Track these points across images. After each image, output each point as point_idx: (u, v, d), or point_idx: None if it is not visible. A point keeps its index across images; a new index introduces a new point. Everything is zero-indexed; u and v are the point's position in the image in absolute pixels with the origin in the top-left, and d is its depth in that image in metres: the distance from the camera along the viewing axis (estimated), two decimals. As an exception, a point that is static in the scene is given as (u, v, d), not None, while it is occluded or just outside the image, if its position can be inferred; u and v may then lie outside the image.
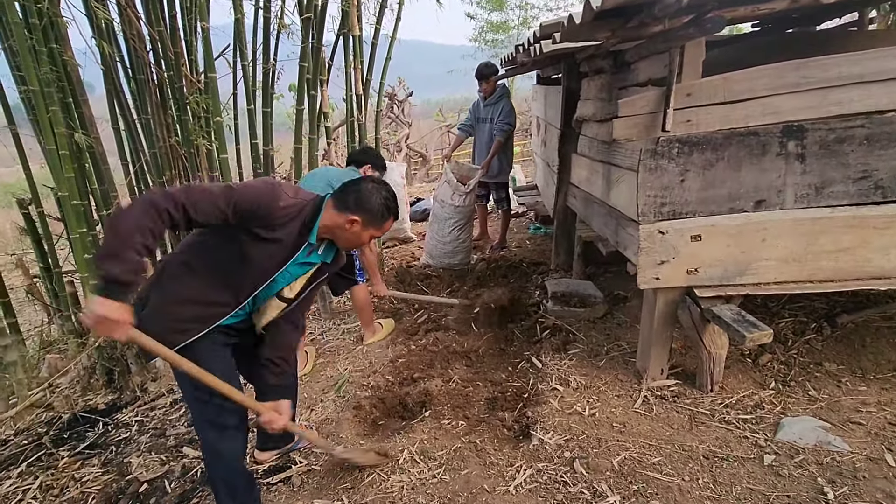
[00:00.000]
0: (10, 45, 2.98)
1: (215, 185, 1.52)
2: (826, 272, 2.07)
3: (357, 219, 1.64)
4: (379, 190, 1.69)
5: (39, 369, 3.37)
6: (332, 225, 1.65)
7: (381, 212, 1.67)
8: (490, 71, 4.43)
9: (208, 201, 1.44)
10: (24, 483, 2.26)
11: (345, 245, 1.76)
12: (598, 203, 2.86)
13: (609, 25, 1.94)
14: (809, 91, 1.93)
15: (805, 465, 1.77)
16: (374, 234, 1.72)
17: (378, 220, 1.69)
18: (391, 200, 1.71)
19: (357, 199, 1.64)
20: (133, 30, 3.34)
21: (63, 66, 3.12)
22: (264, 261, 1.61)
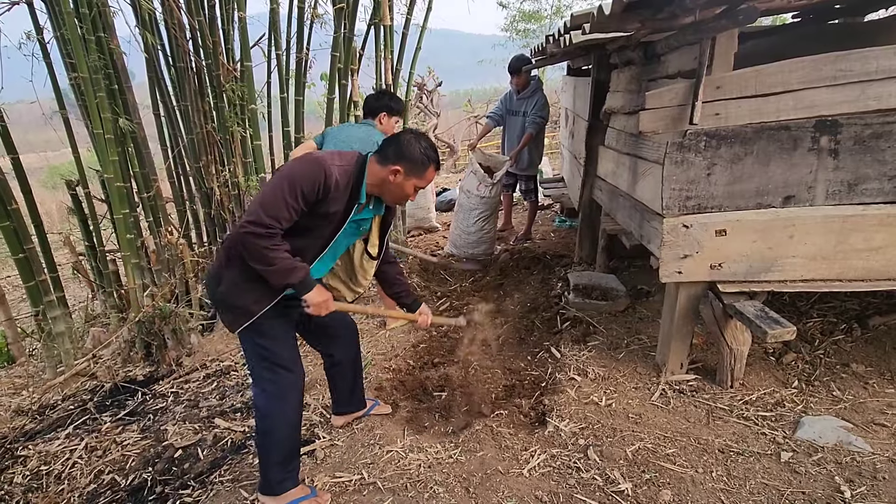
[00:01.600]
0: (63, 33, 3.14)
1: (273, 188, 1.59)
2: (856, 271, 2.02)
3: (399, 168, 1.69)
4: (418, 139, 1.73)
5: (84, 341, 3.58)
6: (377, 180, 1.72)
7: (421, 159, 1.70)
8: (521, 64, 4.40)
9: (282, 206, 1.57)
10: (71, 444, 2.44)
11: (391, 199, 1.81)
12: (623, 196, 2.85)
13: (639, 16, 1.93)
14: (847, 85, 1.88)
15: (823, 463, 1.76)
16: (418, 183, 1.75)
17: (420, 169, 1.72)
18: (431, 149, 1.74)
19: (397, 150, 1.69)
20: (174, 19, 3.47)
21: (110, 54, 3.28)
22: (323, 229, 1.71)
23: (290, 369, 1.82)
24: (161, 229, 3.67)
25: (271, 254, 1.58)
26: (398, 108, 3.01)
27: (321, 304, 1.71)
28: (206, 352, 3.25)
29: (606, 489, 1.75)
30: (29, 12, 3.20)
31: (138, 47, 3.52)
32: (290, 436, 1.88)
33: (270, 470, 1.85)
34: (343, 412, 2.34)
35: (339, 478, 2.00)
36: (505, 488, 1.80)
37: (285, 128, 3.86)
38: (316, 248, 1.75)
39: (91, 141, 3.47)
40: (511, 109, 4.64)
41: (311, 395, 2.60)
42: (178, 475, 2.20)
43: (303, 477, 2.01)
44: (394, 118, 2.99)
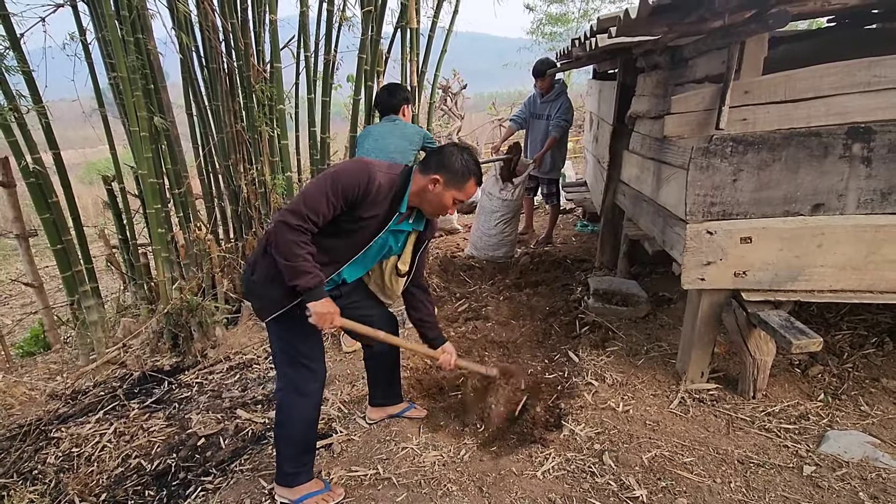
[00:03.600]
0: (104, 35, 3.28)
1: (317, 183, 1.64)
2: (888, 283, 1.97)
3: (438, 178, 1.70)
4: (462, 152, 1.74)
5: (115, 331, 3.72)
6: (418, 189, 1.74)
7: (462, 171, 1.72)
8: (545, 67, 4.40)
9: (321, 202, 1.60)
10: (101, 428, 2.54)
11: (430, 210, 1.81)
12: (646, 201, 2.82)
13: (666, 20, 1.92)
14: (882, 91, 1.83)
15: (847, 478, 1.71)
16: (457, 195, 1.75)
17: (459, 180, 1.73)
18: (473, 163, 1.75)
19: (439, 160, 1.72)
20: (208, 22, 3.58)
21: (147, 54, 3.40)
22: (360, 233, 1.74)
23: (310, 367, 1.86)
24: (190, 225, 3.79)
25: (296, 249, 1.61)
26: (411, 97, 3.22)
27: (324, 317, 1.68)
28: (230, 345, 3.34)
29: (621, 495, 1.74)
30: (73, 14, 3.34)
31: (173, 48, 3.65)
32: (306, 431, 1.90)
33: (285, 462, 1.89)
34: (379, 404, 2.36)
35: (354, 472, 2.04)
36: (518, 489, 1.81)
37: (311, 128, 3.94)
38: (348, 251, 1.77)
39: (127, 138, 3.61)
40: (535, 113, 4.63)
41: (329, 390, 2.65)
42: (201, 462, 2.27)
43: (318, 470, 2.06)
44: (409, 108, 3.22)
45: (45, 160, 3.38)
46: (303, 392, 1.85)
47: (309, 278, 1.63)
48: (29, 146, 3.22)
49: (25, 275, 3.95)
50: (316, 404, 1.92)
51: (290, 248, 1.60)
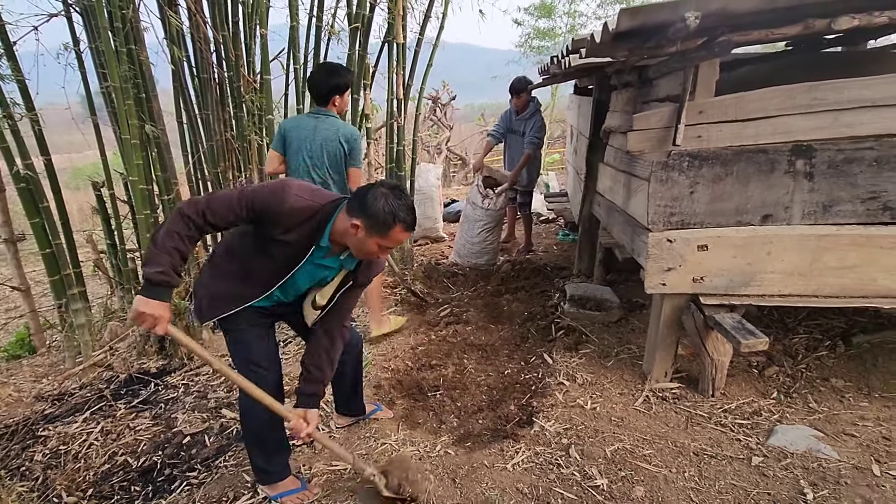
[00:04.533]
0: (97, 45, 3.38)
1: (237, 190, 1.61)
2: (831, 288, 2.13)
3: (359, 224, 1.55)
4: (387, 195, 1.55)
5: (102, 334, 3.77)
6: (342, 229, 1.61)
7: (384, 219, 1.53)
8: (522, 86, 4.59)
9: (224, 205, 1.55)
10: (88, 427, 2.60)
11: (356, 253, 1.68)
12: (619, 211, 2.98)
13: (627, 45, 2.08)
14: (821, 112, 2.01)
15: (791, 468, 1.86)
16: (381, 242, 1.58)
17: (382, 228, 1.54)
18: (402, 209, 1.55)
19: (361, 203, 1.55)
20: (200, 34, 3.70)
21: (139, 65, 3.50)
22: (280, 258, 1.68)
23: (264, 367, 1.82)
24: (179, 230, 3.87)
25: (168, 239, 1.50)
26: (348, 83, 2.76)
27: (144, 316, 1.49)
28: (216, 347, 3.41)
29: (583, 484, 1.86)
30: (68, 25, 3.44)
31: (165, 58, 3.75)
32: (268, 431, 1.88)
33: (258, 462, 1.95)
34: (344, 413, 2.41)
35: (335, 466, 2.13)
36: (489, 480, 1.92)
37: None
38: (270, 276, 1.72)
39: (117, 145, 3.70)
40: (511, 128, 4.82)
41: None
42: (186, 459, 2.34)
43: (299, 466, 2.15)
44: (346, 95, 2.78)
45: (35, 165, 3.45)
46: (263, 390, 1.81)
47: (158, 270, 1.49)
48: (21, 152, 3.29)
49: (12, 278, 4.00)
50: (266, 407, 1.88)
51: (166, 235, 1.51)
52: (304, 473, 2.11)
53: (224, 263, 1.79)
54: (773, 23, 1.82)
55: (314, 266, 1.73)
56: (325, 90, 2.72)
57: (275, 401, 1.74)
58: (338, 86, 2.73)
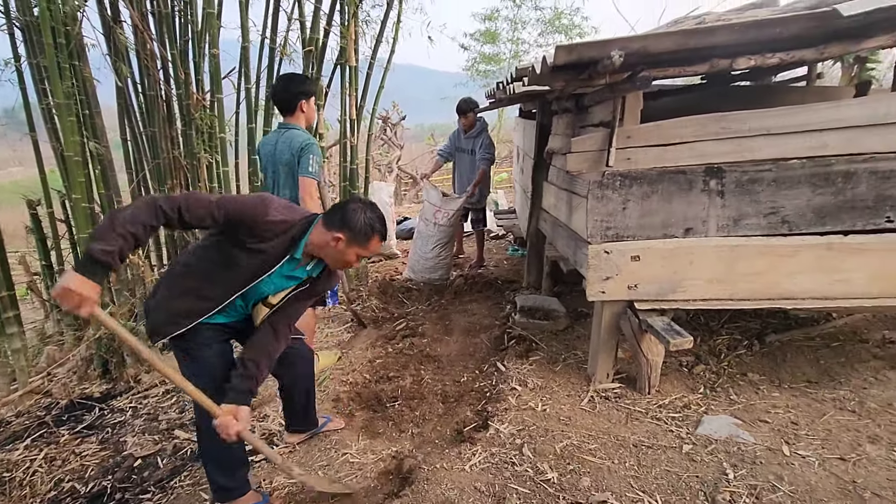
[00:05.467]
0: (39, 61, 3.28)
1: (215, 195, 1.66)
2: (744, 292, 2.42)
3: (341, 236, 1.70)
4: (364, 210, 1.74)
5: (38, 360, 3.57)
6: (319, 242, 1.73)
7: (364, 230, 1.71)
8: (469, 107, 4.84)
9: (202, 206, 1.59)
10: (31, 454, 2.47)
11: (333, 263, 1.82)
12: (562, 227, 3.21)
13: (564, 76, 2.31)
14: (728, 139, 2.31)
15: (715, 452, 2.08)
16: (360, 252, 1.76)
17: (362, 239, 1.73)
18: (377, 221, 1.75)
19: (342, 218, 1.71)
20: (147, 50, 3.67)
21: (82, 81, 3.43)
22: (249, 267, 1.72)
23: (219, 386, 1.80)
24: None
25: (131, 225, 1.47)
26: (311, 90, 2.80)
27: (68, 294, 1.39)
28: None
29: (536, 479, 2.01)
30: (10, 42, 3.33)
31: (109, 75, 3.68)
32: (228, 447, 1.84)
33: (217, 479, 1.93)
34: (296, 430, 2.43)
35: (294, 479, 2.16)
36: (448, 482, 2.02)
37: (252, 156, 4.06)
38: (233, 284, 1.74)
39: (56, 162, 3.57)
40: (459, 147, 5.04)
41: (270, 406, 2.75)
42: (138, 482, 2.29)
43: (259, 480, 2.16)
44: (312, 101, 2.80)
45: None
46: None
47: (106, 249, 1.43)
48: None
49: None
50: None
51: (130, 219, 1.48)
52: (264, 488, 2.13)
53: (183, 279, 1.80)
54: (685, 61, 2.10)
55: (281, 277, 1.80)
56: (290, 97, 2.72)
57: (205, 397, 1.70)
58: (302, 92, 2.75)
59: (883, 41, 2.03)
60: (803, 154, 2.30)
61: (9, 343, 3.31)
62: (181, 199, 1.59)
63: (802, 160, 2.30)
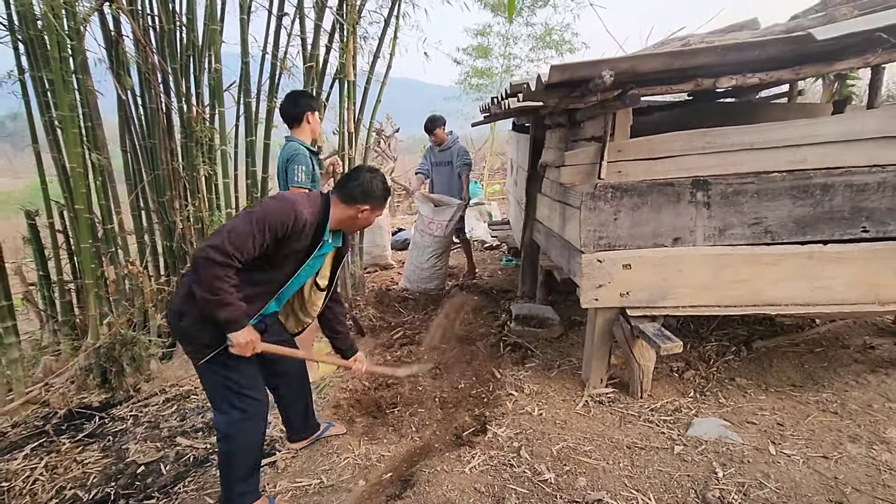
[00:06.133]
0: (43, 74, 3.35)
1: (242, 221, 1.71)
2: (731, 299, 2.52)
3: (367, 207, 1.95)
4: (376, 177, 1.97)
5: (34, 370, 3.57)
6: (343, 218, 1.94)
7: (381, 194, 1.97)
8: (434, 125, 4.99)
9: (247, 241, 1.69)
10: (31, 463, 2.48)
11: (353, 230, 2.10)
12: (556, 237, 3.31)
13: (557, 93, 2.43)
14: (713, 153, 2.44)
15: (705, 452, 2.17)
16: (378, 213, 2.02)
17: (381, 202, 2.00)
18: (384, 181, 2.01)
19: (362, 191, 1.92)
20: (148, 64, 3.74)
21: (85, 93, 3.49)
22: (289, 264, 1.86)
23: (255, 397, 1.95)
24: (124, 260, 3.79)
25: (218, 283, 1.66)
26: (315, 104, 3.06)
27: (247, 346, 1.79)
28: (166, 377, 3.35)
29: (534, 479, 2.07)
30: (14, 56, 3.39)
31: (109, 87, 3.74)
32: (254, 455, 2.02)
33: (234, 486, 1.98)
34: (297, 439, 2.48)
35: (299, 482, 2.21)
36: (449, 483, 2.08)
37: (252, 168, 4.14)
38: (277, 283, 1.88)
39: (57, 174, 3.62)
40: (436, 161, 5.17)
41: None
42: (142, 488, 2.31)
43: (263, 485, 2.21)
44: (317, 114, 3.04)
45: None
46: (249, 419, 1.94)
47: (232, 310, 1.72)
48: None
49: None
50: (261, 429, 2.04)
51: (214, 283, 1.66)
52: (268, 491, 2.17)
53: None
54: (671, 80, 2.23)
55: (315, 258, 1.94)
56: (297, 109, 2.93)
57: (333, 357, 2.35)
58: (308, 104, 2.96)
59: (854, 63, 2.17)
60: (784, 168, 2.43)
61: (5, 353, 3.32)
62: (226, 244, 1.66)
63: (783, 173, 2.43)
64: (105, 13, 3.57)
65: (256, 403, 1.96)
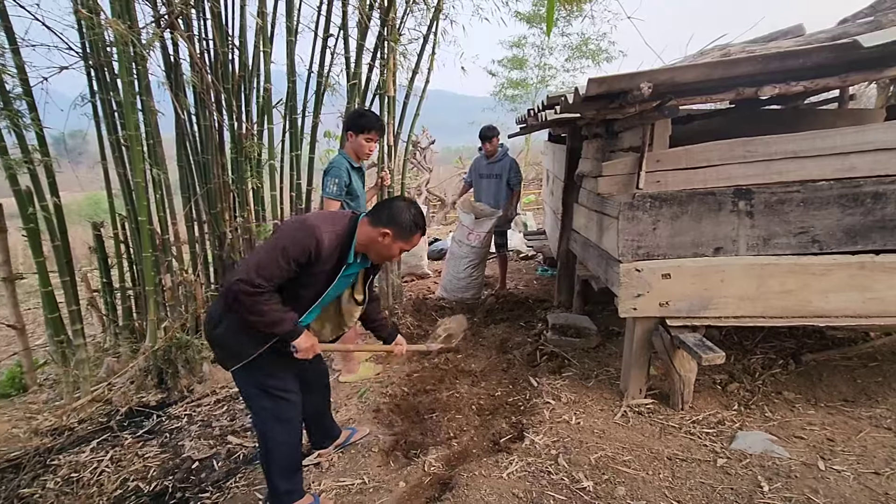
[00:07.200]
0: (112, 97, 3.64)
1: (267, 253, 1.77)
2: (775, 309, 2.47)
3: (389, 231, 1.87)
4: (409, 207, 1.93)
5: (98, 371, 3.84)
6: (366, 240, 1.90)
7: (409, 226, 1.90)
8: (492, 133, 5.03)
9: (275, 267, 1.76)
10: (97, 456, 2.69)
11: (377, 258, 1.99)
12: (593, 246, 3.32)
13: (595, 105, 2.47)
14: (755, 162, 2.41)
15: (750, 466, 2.12)
16: (403, 246, 1.94)
17: (407, 234, 1.91)
18: (419, 217, 1.94)
19: (389, 215, 1.89)
20: (203, 84, 4.00)
21: (148, 113, 3.77)
22: (316, 285, 1.91)
23: (288, 399, 2.03)
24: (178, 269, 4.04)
25: (262, 306, 1.76)
26: (363, 125, 3.09)
27: (309, 349, 1.91)
28: (216, 379, 3.53)
29: (572, 487, 2.08)
30: (87, 79, 3.71)
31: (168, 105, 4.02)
32: (291, 454, 2.08)
33: (277, 484, 2.07)
34: (318, 447, 2.54)
35: (342, 482, 2.30)
36: (487, 488, 2.12)
37: (297, 181, 4.34)
38: (309, 299, 1.93)
39: (122, 188, 3.91)
40: (482, 173, 5.17)
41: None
42: (197, 483, 2.46)
43: (308, 484, 2.30)
44: (361, 136, 3.08)
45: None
46: (283, 419, 2.03)
47: (286, 324, 1.82)
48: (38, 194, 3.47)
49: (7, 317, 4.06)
50: (297, 428, 2.13)
51: (257, 307, 1.76)
52: (313, 489, 2.27)
53: None
54: (711, 90, 2.23)
55: (342, 278, 1.96)
56: (345, 127, 3.23)
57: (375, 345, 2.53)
58: (352, 123, 3.15)
59: (905, 69, 2.11)
60: (831, 176, 2.37)
61: (74, 354, 3.59)
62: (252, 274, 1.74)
63: (830, 182, 2.37)
64: (166, 39, 3.86)
65: (290, 405, 2.05)
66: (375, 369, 3.50)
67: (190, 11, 3.82)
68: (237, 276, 1.74)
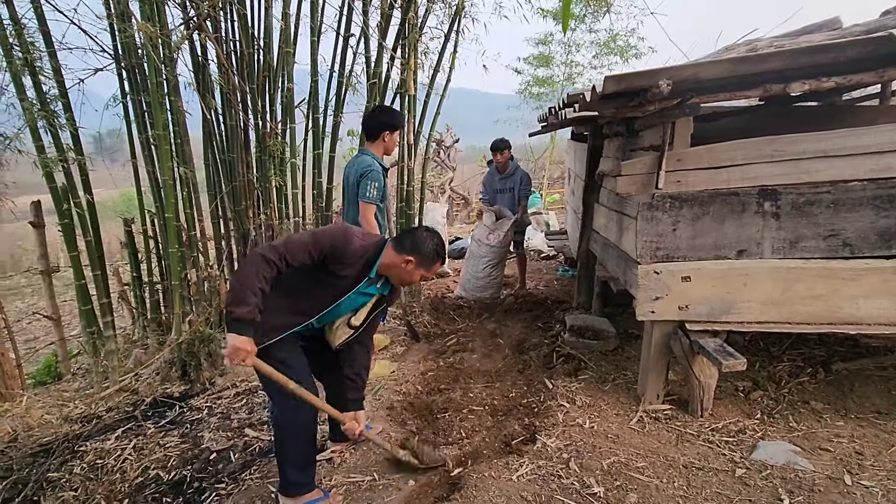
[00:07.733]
0: (142, 98, 3.76)
1: (303, 234, 1.95)
2: (802, 315, 2.37)
3: (412, 259, 2.00)
4: (432, 237, 2.06)
5: (126, 361, 3.98)
6: (390, 263, 2.02)
7: (431, 255, 2.03)
8: (504, 144, 5.05)
9: (301, 249, 1.86)
10: (122, 444, 2.79)
11: (398, 282, 2.11)
12: (612, 247, 3.25)
13: (614, 103, 2.42)
14: (781, 161, 2.31)
15: (770, 478, 2.04)
16: (424, 274, 2.06)
17: (428, 262, 2.04)
18: (441, 247, 2.07)
19: (413, 243, 2.02)
20: (230, 85, 4.09)
21: (176, 113, 3.89)
22: (334, 289, 2.00)
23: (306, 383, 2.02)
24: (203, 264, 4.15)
25: (253, 278, 1.76)
26: (397, 124, 3.14)
27: (238, 352, 1.75)
28: (237, 373, 3.61)
29: (582, 492, 2.05)
30: (118, 81, 3.84)
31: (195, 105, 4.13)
32: (305, 445, 2.10)
33: (288, 474, 2.11)
34: (335, 439, 2.57)
35: (353, 478, 2.32)
36: (496, 489, 2.10)
37: (318, 179, 4.40)
38: (324, 303, 2.01)
39: (150, 185, 4.04)
40: (496, 188, 5.22)
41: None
42: (214, 473, 2.52)
43: (319, 479, 2.33)
44: (396, 134, 3.10)
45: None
46: (297, 409, 2.05)
47: (246, 310, 1.74)
48: (72, 192, 3.62)
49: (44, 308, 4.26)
50: (313, 419, 2.15)
51: (250, 275, 1.77)
52: (324, 485, 2.29)
53: (276, 298, 2.00)
54: (736, 87, 2.15)
55: (357, 294, 2.05)
56: (376, 125, 3.08)
57: (332, 407, 2.15)
58: (387, 122, 3.08)
59: (947, 62, 1.99)
60: (864, 176, 2.26)
61: (105, 345, 3.73)
62: (282, 247, 1.83)
63: (864, 182, 2.26)
64: (194, 41, 3.97)
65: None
66: (391, 367, 3.52)
67: (218, 14, 3.92)
68: (269, 244, 1.83)
